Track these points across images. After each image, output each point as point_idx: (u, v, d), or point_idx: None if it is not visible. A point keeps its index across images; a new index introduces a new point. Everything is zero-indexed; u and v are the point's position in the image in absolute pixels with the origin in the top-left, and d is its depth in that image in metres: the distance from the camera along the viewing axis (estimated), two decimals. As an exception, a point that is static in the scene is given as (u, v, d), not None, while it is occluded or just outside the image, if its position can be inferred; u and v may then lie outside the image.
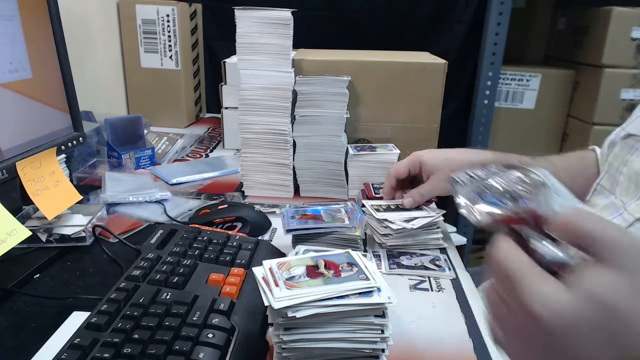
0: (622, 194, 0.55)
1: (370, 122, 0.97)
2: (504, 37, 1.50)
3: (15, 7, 0.66)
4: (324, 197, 0.92)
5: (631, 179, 0.54)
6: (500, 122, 1.64)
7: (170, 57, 1.33)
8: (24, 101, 0.69)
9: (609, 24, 1.44)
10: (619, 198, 0.55)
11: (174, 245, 0.60)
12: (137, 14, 1.30)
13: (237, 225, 0.75)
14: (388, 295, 0.42)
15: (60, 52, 0.75)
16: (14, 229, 0.56)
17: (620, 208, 0.53)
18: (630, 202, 0.52)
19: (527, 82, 1.62)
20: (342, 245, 0.66)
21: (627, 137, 0.59)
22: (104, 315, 0.46)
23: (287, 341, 0.42)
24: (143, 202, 0.84)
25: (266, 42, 0.83)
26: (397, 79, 0.94)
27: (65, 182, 0.71)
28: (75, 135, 0.79)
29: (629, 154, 0.56)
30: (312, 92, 0.86)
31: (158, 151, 1.11)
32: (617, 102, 1.51)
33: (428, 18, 1.61)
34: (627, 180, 0.55)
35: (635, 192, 0.53)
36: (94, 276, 0.63)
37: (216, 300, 0.49)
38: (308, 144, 0.89)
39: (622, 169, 0.56)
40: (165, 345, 0.42)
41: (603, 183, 0.60)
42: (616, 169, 0.58)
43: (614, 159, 0.59)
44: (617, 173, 0.57)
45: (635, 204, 0.51)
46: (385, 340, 0.43)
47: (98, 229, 0.70)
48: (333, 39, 1.32)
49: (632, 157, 0.55)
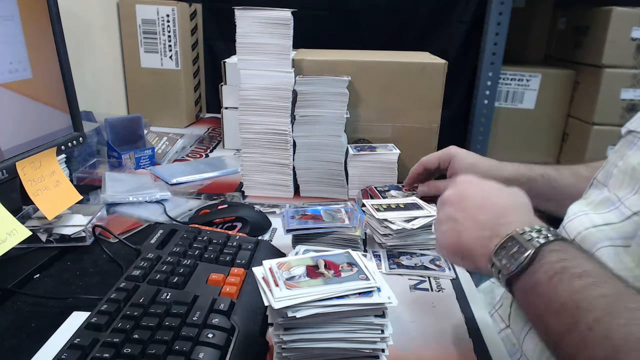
0: (615, 186, 0.56)
1: (370, 122, 0.97)
2: (504, 37, 1.50)
3: (15, 7, 0.66)
4: (324, 197, 0.92)
5: (626, 172, 0.54)
6: (500, 122, 1.64)
7: (170, 57, 1.33)
8: (24, 101, 0.69)
9: (609, 24, 1.44)
10: (612, 192, 0.56)
11: (174, 245, 0.60)
12: (137, 14, 1.30)
13: (237, 225, 0.75)
14: (388, 295, 0.42)
15: (60, 52, 0.75)
16: (14, 229, 0.56)
17: (616, 202, 0.53)
18: (627, 197, 0.52)
19: (527, 82, 1.62)
20: (342, 245, 0.66)
21: (628, 133, 0.59)
22: (104, 315, 0.46)
23: (287, 341, 0.42)
24: (143, 202, 0.84)
25: (266, 42, 0.83)
26: (397, 79, 0.94)
27: (65, 182, 0.71)
28: (75, 135, 0.80)
29: (628, 149, 0.57)
30: (312, 92, 0.86)
31: (158, 151, 1.11)
32: (617, 102, 1.51)
33: (428, 18, 1.61)
34: (621, 173, 0.55)
35: (630, 185, 0.53)
36: (94, 276, 0.63)
37: (216, 300, 0.49)
38: (308, 144, 0.89)
39: (618, 163, 0.57)
40: (165, 345, 0.42)
41: (599, 177, 0.61)
42: (612, 163, 0.58)
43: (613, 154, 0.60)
44: (612, 167, 0.58)
45: (632, 198, 0.51)
46: (385, 340, 0.43)
47: (98, 229, 0.70)
48: (333, 39, 1.32)
49: (630, 152, 0.56)
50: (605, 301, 0.36)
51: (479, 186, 0.53)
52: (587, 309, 0.36)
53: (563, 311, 0.37)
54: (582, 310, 0.36)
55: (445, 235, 0.51)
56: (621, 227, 0.50)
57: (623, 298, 0.36)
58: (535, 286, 0.40)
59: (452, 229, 0.50)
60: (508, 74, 1.61)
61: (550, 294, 0.39)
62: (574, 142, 1.63)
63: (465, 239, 0.49)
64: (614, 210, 0.53)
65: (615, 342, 0.33)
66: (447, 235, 0.51)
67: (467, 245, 0.49)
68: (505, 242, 0.44)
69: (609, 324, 0.34)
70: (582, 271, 0.39)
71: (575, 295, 0.37)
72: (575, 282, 0.38)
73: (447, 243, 0.51)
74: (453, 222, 0.50)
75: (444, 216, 0.52)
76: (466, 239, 0.49)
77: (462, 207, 0.50)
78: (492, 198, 0.50)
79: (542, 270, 0.40)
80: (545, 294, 0.39)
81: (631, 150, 0.56)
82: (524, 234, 0.43)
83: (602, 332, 0.34)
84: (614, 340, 0.33)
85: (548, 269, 0.40)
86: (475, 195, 0.51)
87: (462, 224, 0.49)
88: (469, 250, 0.48)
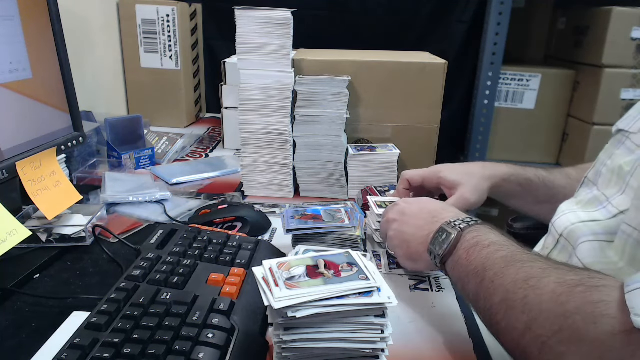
0: (604, 186, 0.56)
1: (370, 122, 0.97)
2: (504, 37, 1.50)
3: (15, 7, 0.66)
4: (324, 197, 0.92)
5: (614, 172, 0.55)
6: (500, 122, 1.64)
7: (170, 57, 1.34)
8: (24, 101, 0.69)
9: (609, 24, 1.43)
10: (600, 191, 0.56)
11: (174, 245, 0.60)
12: (137, 14, 1.30)
13: (237, 225, 0.75)
14: (388, 295, 0.42)
15: (60, 52, 0.75)
16: (14, 229, 0.56)
17: (604, 201, 0.54)
18: (614, 196, 0.53)
19: (527, 82, 1.62)
20: (342, 245, 0.66)
21: (617, 132, 0.60)
22: (104, 315, 0.46)
23: (287, 341, 0.42)
24: (143, 202, 0.84)
25: (266, 42, 0.83)
26: (397, 79, 0.94)
27: (65, 182, 0.71)
28: (75, 135, 0.79)
29: (616, 148, 0.57)
30: (312, 92, 0.86)
31: (158, 151, 1.11)
32: (617, 102, 1.51)
33: (428, 18, 1.61)
34: (609, 172, 0.56)
35: (617, 185, 0.53)
36: (94, 276, 0.63)
37: (216, 300, 0.49)
38: (308, 144, 0.89)
39: (607, 162, 0.58)
40: (165, 345, 0.42)
41: (589, 176, 0.61)
42: (602, 162, 0.59)
43: (603, 153, 0.61)
44: (602, 166, 0.59)
45: (619, 198, 0.52)
46: (385, 340, 0.43)
47: (98, 229, 0.70)
48: (333, 39, 1.32)
49: (618, 151, 0.57)
50: (503, 260, 0.45)
51: (415, 202, 0.64)
52: (490, 267, 0.46)
53: (475, 273, 0.47)
54: (487, 270, 0.46)
55: (398, 248, 0.61)
56: (607, 224, 0.51)
57: (516, 256, 0.45)
58: (458, 260, 0.50)
59: (401, 240, 0.60)
60: (508, 74, 1.61)
61: (467, 263, 0.49)
62: (574, 142, 1.63)
63: (412, 244, 0.58)
64: (601, 209, 0.54)
65: (507, 287, 0.43)
66: (399, 247, 0.61)
67: (414, 249, 0.58)
68: (436, 232, 0.54)
69: (504, 274, 0.44)
70: (490, 242, 0.49)
71: (483, 259, 0.47)
72: (484, 250, 0.48)
73: (401, 254, 0.61)
74: (400, 234, 0.60)
75: (392, 233, 0.62)
76: (413, 244, 0.58)
77: (404, 221, 0.61)
78: (427, 206, 0.61)
79: (462, 248, 0.50)
80: (464, 264, 0.49)
81: (619, 150, 0.57)
82: (450, 223, 0.54)
83: (499, 282, 0.44)
84: (507, 286, 0.43)
85: (466, 245, 0.50)
86: (412, 209, 0.62)
87: (407, 234, 0.60)
88: (417, 253, 0.58)
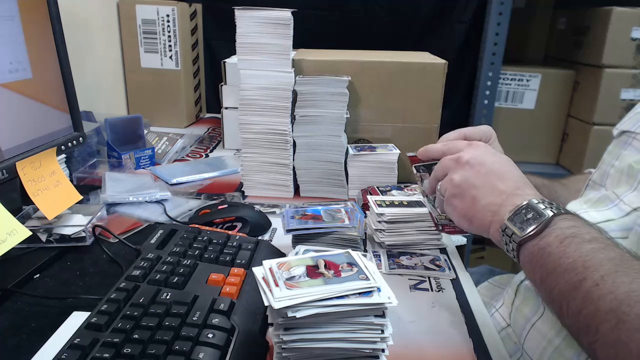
0: (613, 185, 0.56)
1: (370, 122, 0.97)
2: (504, 37, 1.50)
3: (15, 7, 0.66)
4: (324, 197, 0.92)
5: (623, 171, 0.55)
6: (500, 122, 1.64)
7: (170, 57, 1.33)
8: (24, 101, 0.69)
9: (609, 24, 1.43)
10: (609, 190, 0.56)
11: (174, 245, 0.60)
12: (137, 14, 1.30)
13: (237, 225, 0.75)
14: (388, 295, 0.42)
15: (60, 52, 0.75)
16: (14, 229, 0.56)
17: (615, 199, 0.54)
18: (625, 194, 0.53)
19: (527, 82, 1.62)
20: (342, 245, 0.66)
21: (621, 134, 0.60)
22: (104, 315, 0.46)
23: (287, 341, 0.42)
24: (143, 202, 0.84)
25: (266, 42, 0.83)
26: (397, 79, 0.93)
27: (65, 182, 0.71)
28: (75, 135, 0.80)
29: (623, 149, 0.57)
30: (312, 92, 0.86)
31: (158, 151, 1.11)
32: (617, 102, 1.51)
33: (428, 18, 1.61)
34: (618, 172, 0.56)
35: (627, 183, 0.53)
36: (94, 276, 0.63)
37: (216, 300, 0.49)
38: (308, 144, 0.89)
39: (615, 162, 0.57)
40: (165, 345, 0.42)
41: (594, 178, 0.61)
42: (608, 163, 0.59)
43: (607, 155, 0.61)
44: (608, 167, 0.58)
45: (631, 195, 0.52)
46: (385, 340, 0.43)
47: (98, 229, 0.70)
48: (333, 39, 1.31)
49: (625, 152, 0.57)
50: (611, 262, 0.39)
51: (496, 155, 0.55)
52: (594, 268, 0.39)
53: (571, 269, 0.40)
54: (590, 269, 0.39)
55: (458, 199, 0.54)
56: (621, 222, 0.51)
57: (627, 262, 0.39)
58: (546, 247, 0.43)
59: (468, 193, 0.52)
60: (508, 74, 1.61)
61: (560, 254, 0.42)
62: (574, 142, 1.63)
63: (480, 204, 0.51)
64: (613, 207, 0.54)
65: (619, 297, 0.36)
66: (460, 198, 0.53)
67: (480, 210, 0.51)
68: (520, 208, 0.47)
69: (614, 281, 0.37)
70: (591, 237, 0.42)
71: (584, 256, 0.40)
72: (585, 245, 0.41)
73: (460, 207, 0.53)
74: (470, 187, 0.52)
75: (461, 179, 0.53)
76: (481, 204, 0.51)
77: (482, 173, 0.52)
78: (510, 169, 0.53)
79: (554, 235, 0.44)
80: (555, 254, 0.42)
81: (626, 150, 0.57)
82: (538, 203, 0.47)
83: (607, 288, 0.37)
84: (618, 295, 0.36)
85: (559, 233, 0.43)
86: (493, 163, 0.53)
87: (480, 190, 0.52)
88: (482, 215, 0.51)
